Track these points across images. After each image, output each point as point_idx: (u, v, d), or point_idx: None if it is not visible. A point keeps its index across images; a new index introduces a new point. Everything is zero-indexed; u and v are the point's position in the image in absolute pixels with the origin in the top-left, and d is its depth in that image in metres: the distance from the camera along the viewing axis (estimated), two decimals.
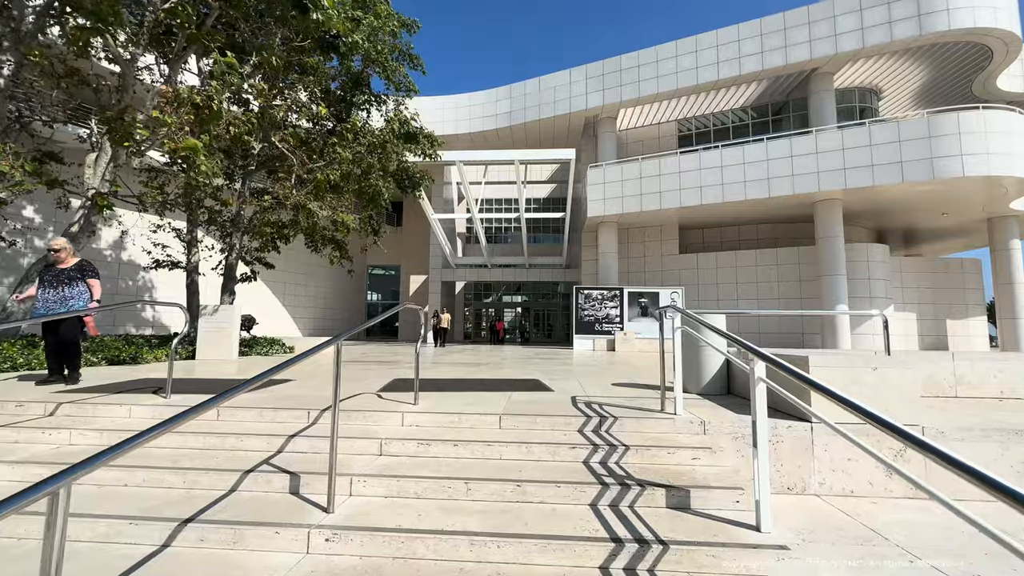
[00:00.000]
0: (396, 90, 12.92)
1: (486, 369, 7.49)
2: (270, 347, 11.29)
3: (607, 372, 7.13)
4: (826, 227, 17.16)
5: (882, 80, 18.92)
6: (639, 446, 2.92)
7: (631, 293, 18.09)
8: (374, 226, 13.51)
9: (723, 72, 18.33)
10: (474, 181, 28.46)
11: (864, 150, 15.61)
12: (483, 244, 23.60)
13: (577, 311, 18.24)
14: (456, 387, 4.92)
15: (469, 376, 6.21)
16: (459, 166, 18.47)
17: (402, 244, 34.58)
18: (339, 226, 10.19)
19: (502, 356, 11.82)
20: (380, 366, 7.80)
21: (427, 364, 8.51)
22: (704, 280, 20.30)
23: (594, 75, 20.66)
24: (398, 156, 12.13)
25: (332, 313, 31.79)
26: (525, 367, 8.04)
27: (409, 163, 13.75)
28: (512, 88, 22.60)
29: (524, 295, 33.61)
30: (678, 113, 21.63)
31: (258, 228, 11.62)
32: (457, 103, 23.78)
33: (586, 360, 10.64)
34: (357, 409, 3.62)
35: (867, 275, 17.86)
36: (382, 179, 11.39)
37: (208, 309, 8.99)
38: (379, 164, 11.37)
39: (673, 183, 18.22)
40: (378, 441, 3.02)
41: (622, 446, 2.90)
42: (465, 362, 9.27)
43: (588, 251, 22.59)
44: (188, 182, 8.79)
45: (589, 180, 19.63)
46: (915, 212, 18.80)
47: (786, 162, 16.61)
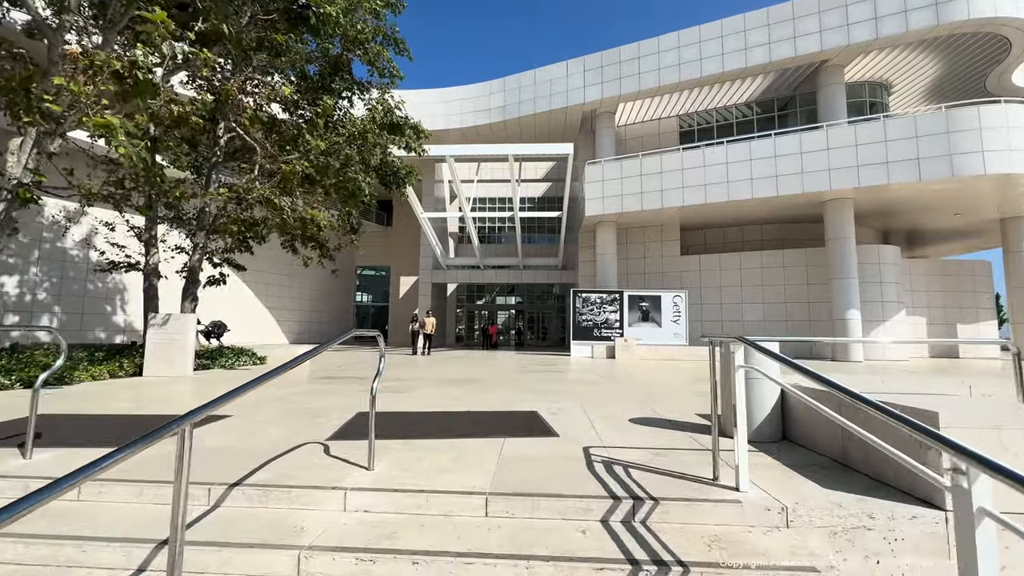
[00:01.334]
0: (380, 76, 11.81)
1: (474, 390, 6.43)
2: (237, 358, 10.15)
3: (617, 394, 6.12)
4: (836, 228, 16.27)
5: (893, 74, 18.09)
6: (701, 565, 1.87)
7: (631, 296, 17.11)
8: (352, 224, 12.39)
9: (728, 64, 17.40)
10: (466, 179, 27.38)
11: (878, 146, 14.73)
12: (475, 244, 22.53)
13: (575, 316, 17.23)
14: (431, 429, 3.85)
15: (451, 406, 5.15)
16: (449, 162, 17.39)
17: (392, 244, 33.43)
18: (308, 224, 9.07)
19: (494, 367, 10.77)
20: (353, 385, 6.72)
21: (406, 379, 7.46)
22: (707, 283, 19.36)
23: (592, 67, 19.66)
24: (381, 149, 11.04)
25: (319, 316, 30.56)
26: (520, 386, 6.99)
27: (394, 157, 12.67)
28: (506, 81, 21.54)
29: (518, 297, 32.58)
30: (679, 108, 20.69)
31: (224, 226, 10.48)
32: (447, 97, 22.68)
33: (587, 373, 9.61)
34: (281, 484, 2.53)
35: (879, 278, 17.01)
36: (362, 173, 10.29)
37: (158, 318, 7.85)
38: (359, 156, 10.27)
39: (675, 181, 17.26)
40: (295, 554, 1.94)
41: (676, 564, 1.86)
42: (451, 378, 8.20)
43: (585, 252, 21.59)
44: (135, 173, 7.67)
45: (587, 177, 18.62)
46: (925, 212, 17.97)
47: (795, 159, 15.69)
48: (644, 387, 7.08)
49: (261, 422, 4.09)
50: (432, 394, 6.05)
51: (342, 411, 4.53)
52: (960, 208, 17.20)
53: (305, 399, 5.40)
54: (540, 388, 6.77)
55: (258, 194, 7.92)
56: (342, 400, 5.33)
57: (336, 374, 8.70)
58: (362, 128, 10.28)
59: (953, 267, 19.72)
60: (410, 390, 6.32)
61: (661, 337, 16.62)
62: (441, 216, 23.17)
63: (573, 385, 7.27)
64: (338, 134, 10.42)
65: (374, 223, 32.57)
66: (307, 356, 2.52)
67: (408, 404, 5.20)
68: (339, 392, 6.03)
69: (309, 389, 6.37)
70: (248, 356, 10.53)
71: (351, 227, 12.60)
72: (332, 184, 10.33)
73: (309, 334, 29.53)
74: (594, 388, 6.93)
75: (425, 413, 4.62)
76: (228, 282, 11.94)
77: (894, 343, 16.65)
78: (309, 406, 4.92)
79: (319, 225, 9.03)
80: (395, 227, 33.14)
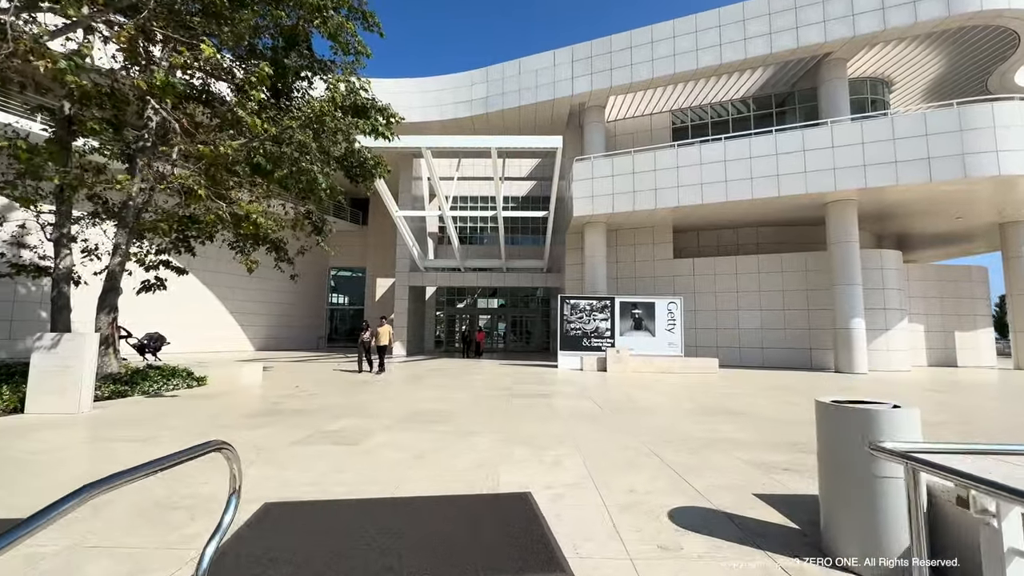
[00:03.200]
0: (344, 54, 10.28)
1: (446, 438, 5.02)
2: (166, 381, 8.49)
3: (629, 442, 4.80)
4: (839, 231, 15.32)
5: (896, 70, 17.29)
6: None
7: (623, 303, 15.88)
8: (315, 223, 10.83)
9: (726, 56, 16.32)
10: (445, 176, 25.89)
11: (886, 144, 13.80)
12: (455, 245, 21.04)
13: (563, 324, 15.91)
14: (368, 558, 2.43)
15: (408, 478, 3.73)
16: (426, 155, 15.89)
17: (368, 244, 31.68)
18: (244, 222, 7.51)
19: (475, 388, 9.35)
20: (289, 432, 5.23)
21: (356, 415, 6.00)
22: (701, 288, 18.29)
23: (581, 57, 18.40)
24: (344, 135, 9.50)
25: (288, 321, 28.65)
26: (506, 427, 5.61)
27: (361, 146, 11.16)
28: (489, 71, 20.13)
29: (501, 300, 31.19)
30: (673, 103, 19.59)
31: (153, 224, 8.84)
32: (425, 87, 21.14)
33: (583, 397, 8.27)
34: None
35: (881, 284, 16.14)
36: (320, 163, 8.75)
37: (46, 339, 6.21)
38: (316, 144, 8.74)
39: (670, 179, 16.11)
40: None
41: None
42: (418, 410, 6.77)
43: (572, 254, 20.33)
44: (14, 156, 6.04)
45: (575, 175, 17.34)
46: (926, 216, 17.22)
47: (798, 157, 14.69)
48: (657, 425, 5.78)
49: (87, 534, 2.60)
50: (387, 445, 4.62)
51: (246, 496, 3.07)
52: (963, 211, 16.47)
53: (198, 468, 3.92)
54: (531, 431, 5.40)
55: (175, 182, 6.34)
56: (258, 471, 3.85)
57: (282, 404, 7.17)
58: (318, 110, 8.75)
59: (950, 272, 19.07)
60: (356, 440, 4.86)
61: (655, 347, 15.43)
62: (418, 215, 21.58)
63: (571, 423, 5.91)
64: (292, 117, 8.88)
65: (348, 222, 30.80)
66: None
67: (348, 473, 3.76)
68: (262, 447, 4.54)
69: (226, 436, 4.87)
70: (181, 377, 8.87)
71: (315, 226, 11.02)
72: (284, 176, 8.78)
73: (278, 340, 27.61)
74: (597, 428, 5.58)
75: (365, 504, 3.18)
76: (186, 286, 10.42)
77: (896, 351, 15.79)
78: (192, 487, 3.44)
79: (255, 223, 7.45)
80: (371, 226, 31.39)
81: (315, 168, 8.28)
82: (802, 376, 13.36)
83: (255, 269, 8.77)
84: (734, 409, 7.09)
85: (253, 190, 8.28)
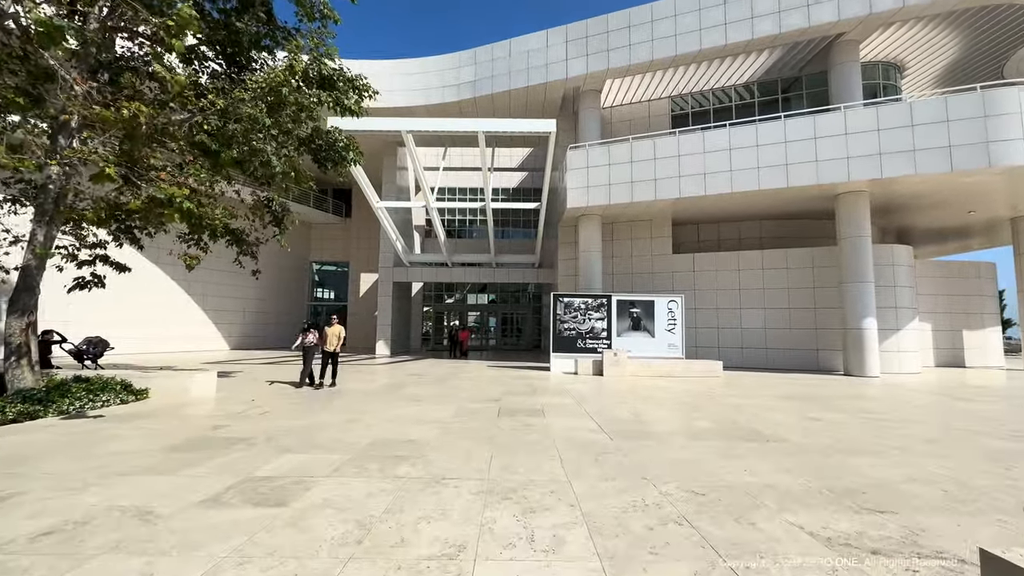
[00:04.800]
0: (308, 19, 8.99)
1: (407, 491, 3.90)
2: (95, 396, 7.23)
3: (642, 476, 3.72)
4: (850, 224, 14.36)
5: (909, 54, 16.32)
6: None
7: (620, 302, 14.81)
8: (276, 212, 9.55)
9: (732, 36, 15.21)
10: (430, 167, 24.62)
11: (904, 132, 12.82)
12: (441, 239, 19.82)
13: (555, 324, 14.81)
14: None
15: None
16: (407, 140, 14.60)
17: (352, 237, 30.28)
18: (168, 208, 6.26)
19: (455, 400, 8.21)
20: (203, 477, 4.07)
21: (296, 443, 4.84)
22: (701, 284, 17.30)
23: (576, 37, 17.18)
24: (308, 112, 8.24)
25: (266, 318, 27.22)
26: (490, 467, 4.50)
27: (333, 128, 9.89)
28: (477, 52, 18.83)
29: (491, 296, 30.04)
30: (673, 88, 18.47)
31: (79, 212, 7.54)
32: (408, 69, 19.78)
33: (581, 414, 7.19)
34: None
35: (893, 282, 15.26)
36: (274, 142, 7.50)
37: None
38: (270, 120, 7.48)
39: (671, 169, 15.03)
40: None
41: None
42: (379, 441, 5.63)
43: (565, 249, 19.23)
44: None
45: (569, 164, 16.19)
46: (935, 209, 16.33)
47: (808, 145, 13.67)
48: (677, 462, 4.70)
49: None
50: (326, 506, 3.47)
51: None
52: (977, 204, 15.61)
53: (76, 546, 2.76)
54: (522, 475, 4.29)
55: (71, 157, 5.08)
56: (121, 564, 2.68)
57: (222, 430, 5.98)
58: (273, 81, 7.47)
59: (958, 269, 18.28)
60: (285, 497, 3.69)
61: (654, 349, 14.40)
62: (400, 206, 20.27)
63: (572, 459, 4.83)
64: (244, 89, 7.61)
65: (330, 214, 29.38)
66: None
67: (252, 567, 2.61)
68: (153, 512, 3.36)
69: (119, 489, 3.70)
70: (114, 391, 7.60)
71: (275, 217, 9.75)
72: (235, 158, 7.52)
73: (256, 339, 26.21)
74: (604, 469, 4.49)
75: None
76: (154, 282, 9.13)
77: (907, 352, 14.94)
78: None
79: (181, 208, 6.20)
80: (355, 219, 29.98)
81: (268, 148, 7.03)
82: (813, 381, 12.42)
83: (195, 266, 7.51)
84: (756, 430, 6.04)
85: (194, 172, 7.01)
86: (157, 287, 21.19)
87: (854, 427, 6.41)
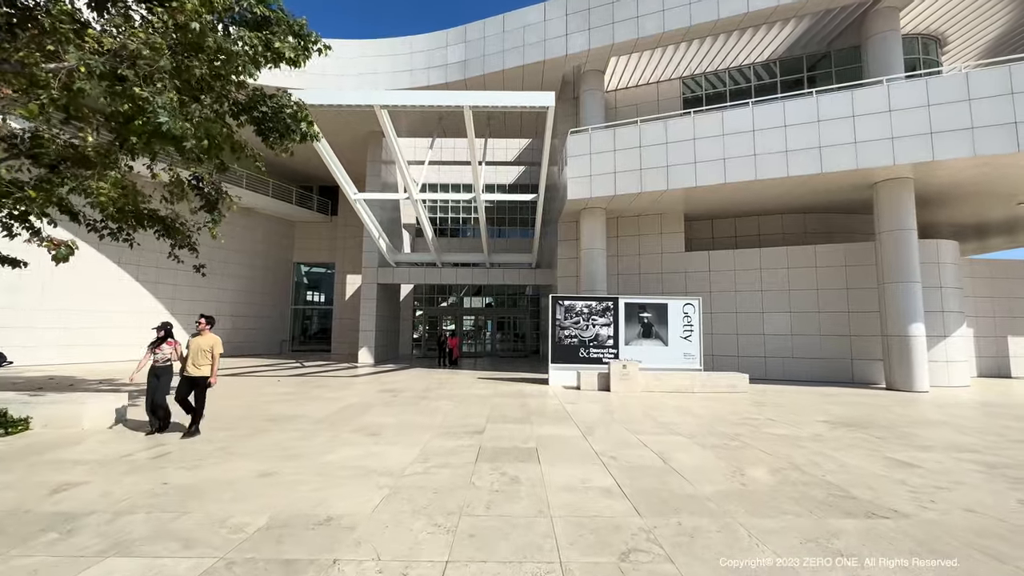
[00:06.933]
0: None
1: None
2: None
3: None
4: (893, 216, 12.53)
5: (952, 26, 14.54)
6: None
7: (629, 305, 12.95)
8: (207, 194, 7.68)
9: (754, 3, 13.42)
10: (414, 161, 22.83)
11: (959, 107, 11.02)
12: (428, 236, 17.97)
13: (555, 330, 12.94)
14: None
15: None
16: (381, 116, 12.73)
17: (337, 236, 28.41)
18: None
19: (424, 431, 6.34)
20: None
21: (159, 528, 3.00)
22: (718, 286, 15.44)
23: (577, 10, 15.39)
24: (231, 60, 6.38)
25: (246, 323, 25.31)
26: (441, 549, 2.63)
27: (282, 90, 8.04)
28: (468, 29, 17.05)
29: (486, 299, 28.16)
30: (684, 68, 16.68)
31: None
32: (392, 49, 17.98)
33: (586, 458, 5.33)
34: None
35: (938, 282, 13.43)
36: (166, 95, 5.61)
37: None
38: (170, 62, 5.64)
39: (685, 154, 13.21)
40: None
41: None
42: (276, 520, 3.79)
43: (565, 247, 17.38)
44: None
45: (569, 151, 14.37)
46: (979, 199, 14.48)
47: (846, 124, 11.86)
48: (756, 565, 2.84)
49: None
50: None
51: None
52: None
53: None
54: None
55: None
56: None
57: (43, 504, 4.10)
58: (182, 16, 5.62)
59: (1004, 268, 16.44)
60: None
61: (668, 359, 12.54)
62: (379, 197, 18.38)
63: (587, 560, 2.97)
64: (141, 26, 5.79)
65: (315, 211, 27.54)
66: None
67: None
68: None
69: None
70: None
71: (206, 199, 7.87)
72: (122, 122, 5.69)
73: (232, 345, 24.21)
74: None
75: None
76: (114, 286, 7.34)
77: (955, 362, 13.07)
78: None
79: None
80: (341, 217, 28.11)
81: (157, 101, 5.18)
82: (856, 398, 10.54)
83: (65, 258, 5.65)
84: (841, 488, 4.17)
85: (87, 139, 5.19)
86: (120, 290, 19.35)
87: (970, 480, 4.55)
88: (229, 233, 23.52)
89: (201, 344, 6.22)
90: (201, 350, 6.19)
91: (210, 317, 6.47)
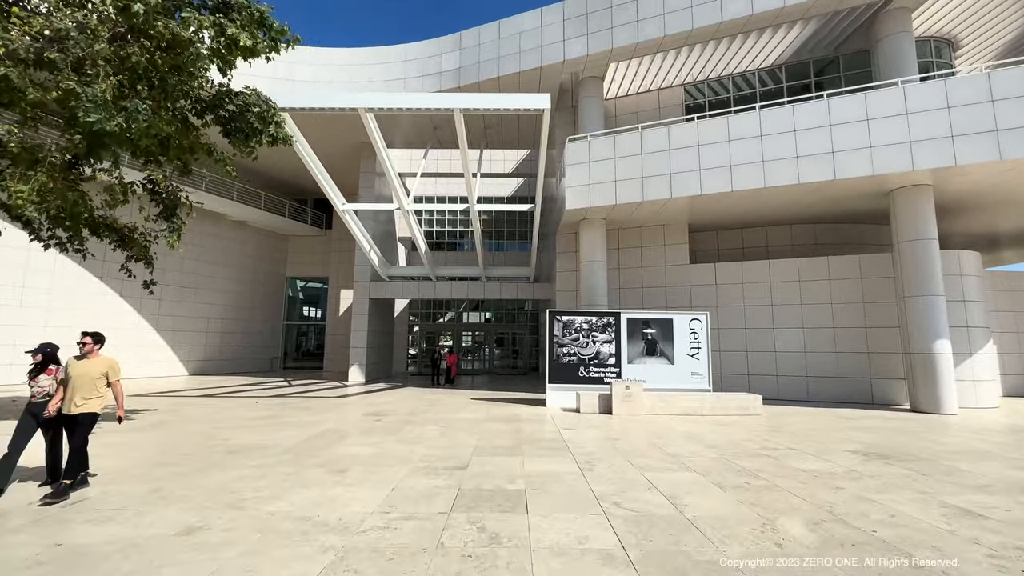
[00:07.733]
0: None
1: None
2: None
3: None
4: (912, 225, 11.78)
5: (965, 28, 13.99)
6: None
7: (631, 320, 12.13)
8: (165, 199, 6.97)
9: (759, 5, 12.89)
10: (406, 173, 22.26)
11: (982, 108, 10.35)
12: (422, 249, 17.28)
13: (552, 348, 12.11)
14: None
15: None
16: (366, 119, 12.08)
17: (331, 251, 27.73)
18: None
19: (400, 465, 5.50)
20: None
21: None
22: (725, 300, 14.62)
23: (575, 14, 14.91)
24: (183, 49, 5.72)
25: (235, 339, 24.46)
26: None
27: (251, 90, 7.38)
28: (462, 36, 16.59)
29: (485, 315, 27.34)
30: (686, 74, 16.14)
31: None
32: (384, 57, 17.53)
33: (585, 506, 4.49)
34: None
35: (961, 295, 12.60)
36: (92, 80, 4.93)
37: None
38: (107, 46, 4.98)
39: (689, 161, 12.55)
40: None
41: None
42: None
43: (564, 260, 16.65)
44: None
45: (568, 159, 13.73)
46: (998, 208, 13.73)
47: (860, 128, 11.19)
48: None
49: None
50: None
51: None
52: None
53: None
54: None
55: None
56: None
57: None
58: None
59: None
60: None
61: (674, 379, 11.67)
62: (369, 208, 17.69)
63: None
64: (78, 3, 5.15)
65: (308, 225, 26.93)
66: None
67: None
68: None
69: None
70: None
71: (163, 204, 7.15)
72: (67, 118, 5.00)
73: (220, 363, 23.41)
74: None
75: None
76: (100, 301, 6.51)
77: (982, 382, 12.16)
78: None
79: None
80: (336, 231, 27.49)
81: (88, 93, 4.49)
82: (881, 422, 9.63)
83: None
84: (889, 543, 3.31)
85: None
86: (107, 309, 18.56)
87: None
88: (218, 246, 22.89)
89: (89, 371, 4.63)
90: (89, 379, 4.60)
91: (96, 334, 4.84)
